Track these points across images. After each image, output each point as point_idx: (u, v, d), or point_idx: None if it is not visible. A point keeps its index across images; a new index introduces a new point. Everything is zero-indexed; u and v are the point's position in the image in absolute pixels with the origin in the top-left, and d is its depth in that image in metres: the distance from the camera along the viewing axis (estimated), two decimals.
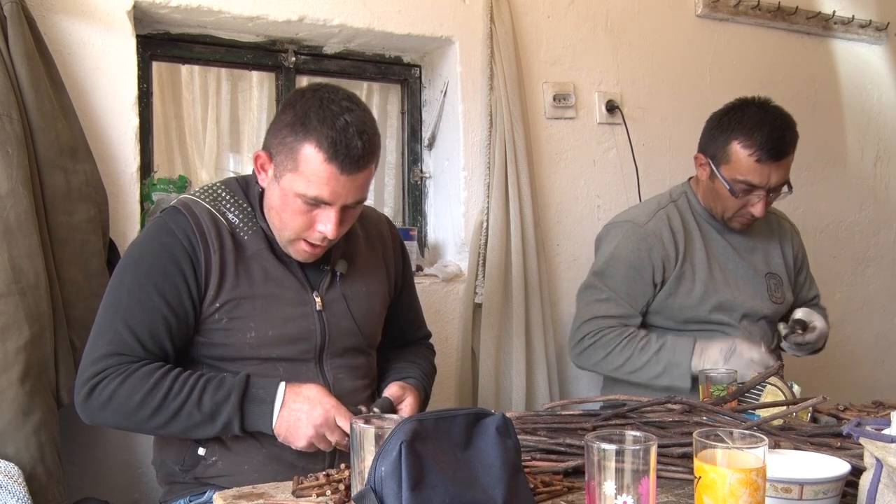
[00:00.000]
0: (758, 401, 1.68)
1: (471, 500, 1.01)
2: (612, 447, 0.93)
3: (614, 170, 2.74)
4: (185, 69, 2.40)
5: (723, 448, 0.95)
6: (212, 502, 1.40)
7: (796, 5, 3.06)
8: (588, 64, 2.70)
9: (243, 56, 2.37)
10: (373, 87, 2.66)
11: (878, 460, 1.00)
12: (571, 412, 1.54)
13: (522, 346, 2.45)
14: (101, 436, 2.00)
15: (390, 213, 2.66)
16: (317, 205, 1.49)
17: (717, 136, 2.10)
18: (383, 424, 1.09)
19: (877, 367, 3.37)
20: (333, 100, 1.47)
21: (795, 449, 1.23)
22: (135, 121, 2.06)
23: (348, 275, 1.66)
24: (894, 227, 3.42)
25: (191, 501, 1.57)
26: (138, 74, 2.09)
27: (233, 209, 1.59)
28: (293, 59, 2.42)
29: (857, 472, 1.08)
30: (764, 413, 1.54)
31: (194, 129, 2.45)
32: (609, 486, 0.93)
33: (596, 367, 2.16)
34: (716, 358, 1.99)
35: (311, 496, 1.20)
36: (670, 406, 1.53)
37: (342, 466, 1.28)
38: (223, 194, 1.60)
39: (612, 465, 0.93)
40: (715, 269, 2.17)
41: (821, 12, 3.11)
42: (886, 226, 3.39)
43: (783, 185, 2.08)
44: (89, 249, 1.86)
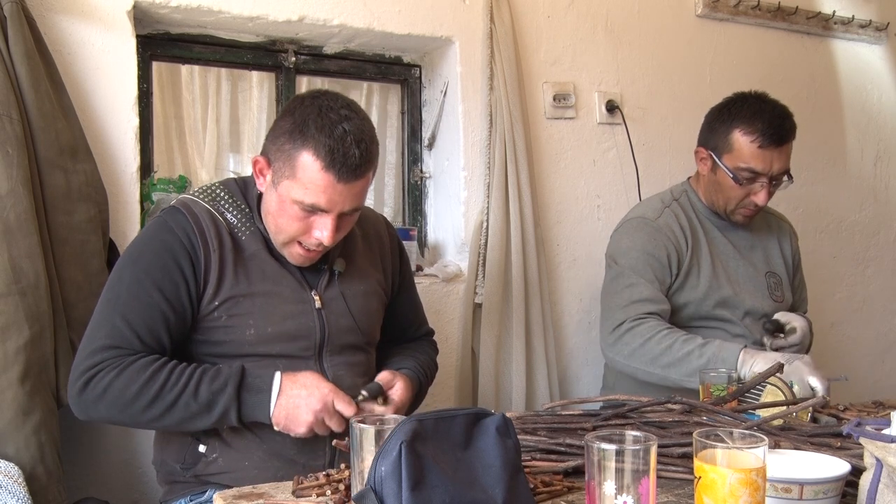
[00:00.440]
0: (758, 401, 1.68)
1: (471, 500, 1.01)
2: (612, 447, 0.93)
3: (614, 170, 2.75)
4: (185, 69, 2.40)
5: (723, 448, 0.95)
6: (212, 502, 1.40)
7: (796, 5, 3.06)
8: (588, 64, 2.70)
9: (243, 56, 2.37)
10: (373, 87, 2.66)
11: (878, 460, 1.00)
12: (571, 412, 1.54)
13: (522, 346, 2.45)
14: (102, 436, 2.00)
15: (390, 212, 2.66)
16: (314, 212, 1.50)
17: (717, 128, 2.12)
18: (383, 424, 1.10)
19: (877, 367, 3.37)
20: (332, 108, 1.48)
21: (795, 449, 1.23)
22: (135, 121, 2.06)
23: (346, 273, 1.67)
24: (894, 227, 3.42)
25: (191, 501, 1.58)
26: (138, 74, 2.09)
27: (231, 209, 1.60)
28: (293, 59, 2.42)
29: (857, 472, 1.08)
30: (764, 413, 1.54)
31: (194, 129, 2.45)
32: (609, 486, 0.93)
33: (630, 357, 2.02)
34: (767, 361, 1.82)
35: (311, 496, 1.20)
36: (670, 406, 1.53)
37: (342, 466, 1.28)
38: (222, 195, 1.61)
39: (612, 465, 0.93)
40: (718, 266, 2.18)
41: (821, 12, 3.11)
42: (886, 226, 3.39)
43: (784, 173, 2.09)
44: (89, 249, 1.86)
